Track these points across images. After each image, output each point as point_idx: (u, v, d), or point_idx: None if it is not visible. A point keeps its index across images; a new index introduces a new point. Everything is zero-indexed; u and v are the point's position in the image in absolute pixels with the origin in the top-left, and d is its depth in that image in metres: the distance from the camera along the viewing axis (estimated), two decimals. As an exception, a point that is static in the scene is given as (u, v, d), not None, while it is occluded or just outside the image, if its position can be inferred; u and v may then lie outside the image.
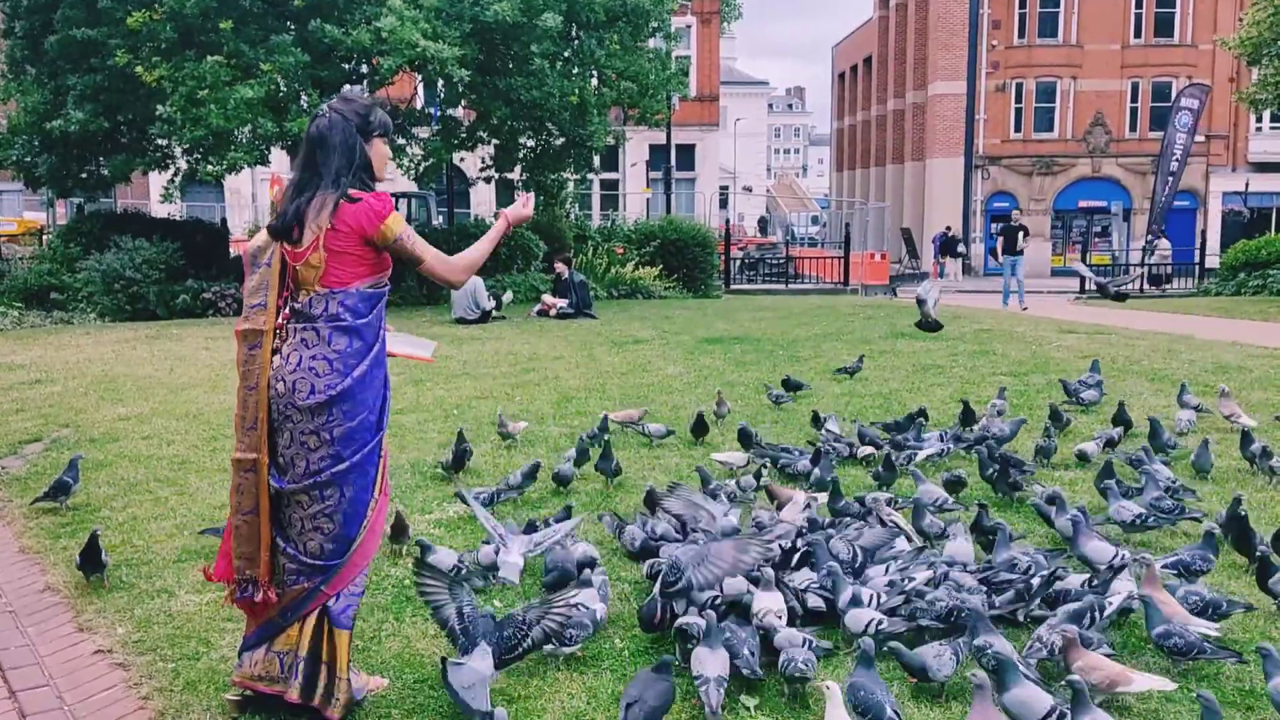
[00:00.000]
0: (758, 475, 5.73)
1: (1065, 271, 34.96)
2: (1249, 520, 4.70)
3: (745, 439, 6.46)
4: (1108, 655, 3.50)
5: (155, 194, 30.65)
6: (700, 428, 6.89)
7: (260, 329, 3.35)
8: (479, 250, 3.50)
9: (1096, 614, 3.74)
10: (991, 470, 5.69)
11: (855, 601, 3.86)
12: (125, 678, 3.72)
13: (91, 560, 4.49)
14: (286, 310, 3.37)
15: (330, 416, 3.28)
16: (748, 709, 3.38)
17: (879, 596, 3.96)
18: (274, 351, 3.34)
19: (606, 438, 6.35)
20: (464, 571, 4.27)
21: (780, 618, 3.71)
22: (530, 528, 4.68)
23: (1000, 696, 3.13)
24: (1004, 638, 3.52)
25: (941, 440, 6.41)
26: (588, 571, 4.04)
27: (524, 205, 3.74)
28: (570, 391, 8.90)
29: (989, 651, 3.37)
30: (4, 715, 3.61)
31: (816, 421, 7.06)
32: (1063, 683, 3.07)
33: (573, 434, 7.31)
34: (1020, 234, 21.38)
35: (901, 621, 3.82)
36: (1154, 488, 5.14)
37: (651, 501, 5.09)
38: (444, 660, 3.35)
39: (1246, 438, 6.18)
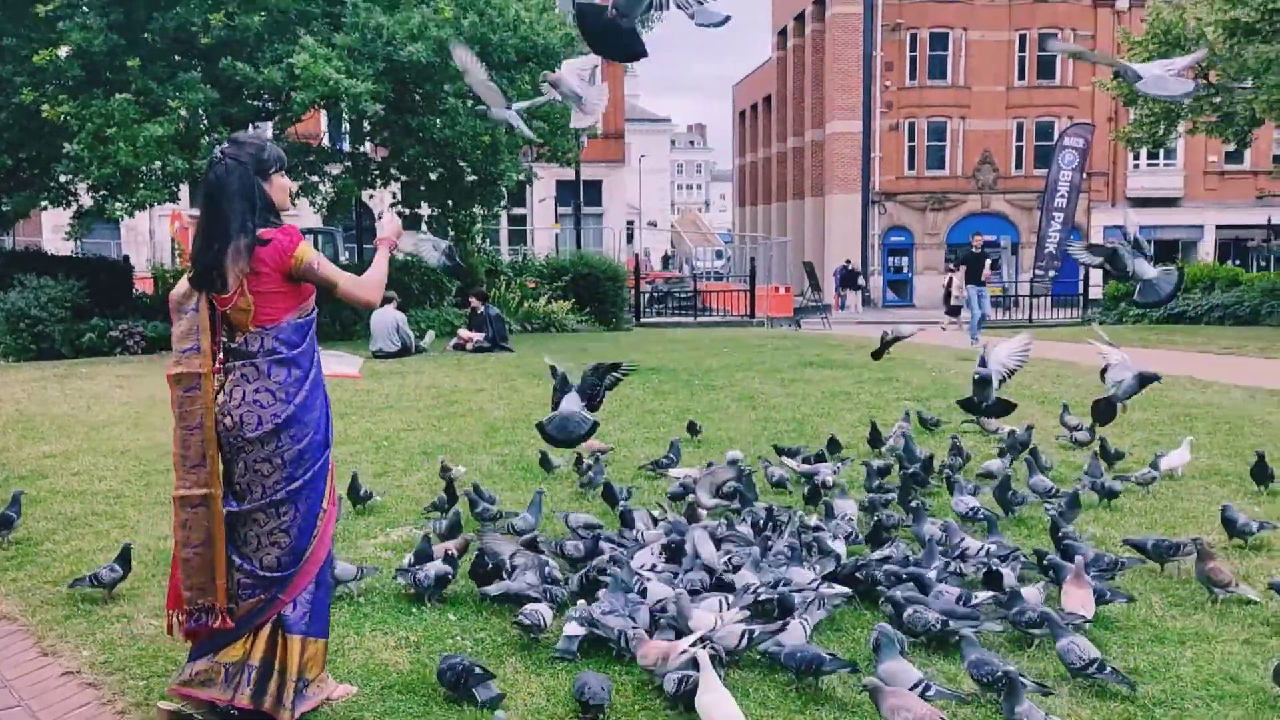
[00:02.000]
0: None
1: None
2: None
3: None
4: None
5: (47, 231, 30.00)
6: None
7: (197, 372, 3.51)
8: (380, 269, 3.73)
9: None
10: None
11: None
12: (98, 696, 3.86)
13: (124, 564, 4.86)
14: (222, 354, 3.57)
15: (280, 443, 3.50)
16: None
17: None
18: (220, 390, 3.54)
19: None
20: None
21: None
22: (425, 555, 4.84)
23: (875, 669, 3.55)
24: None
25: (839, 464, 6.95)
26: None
27: (390, 223, 3.96)
28: (497, 422, 9.15)
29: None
30: (-25, 738, 3.73)
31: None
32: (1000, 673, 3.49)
33: (504, 461, 7.59)
34: (986, 262, 19.86)
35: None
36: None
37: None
38: None
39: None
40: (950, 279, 26.54)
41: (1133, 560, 4.86)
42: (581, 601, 4.36)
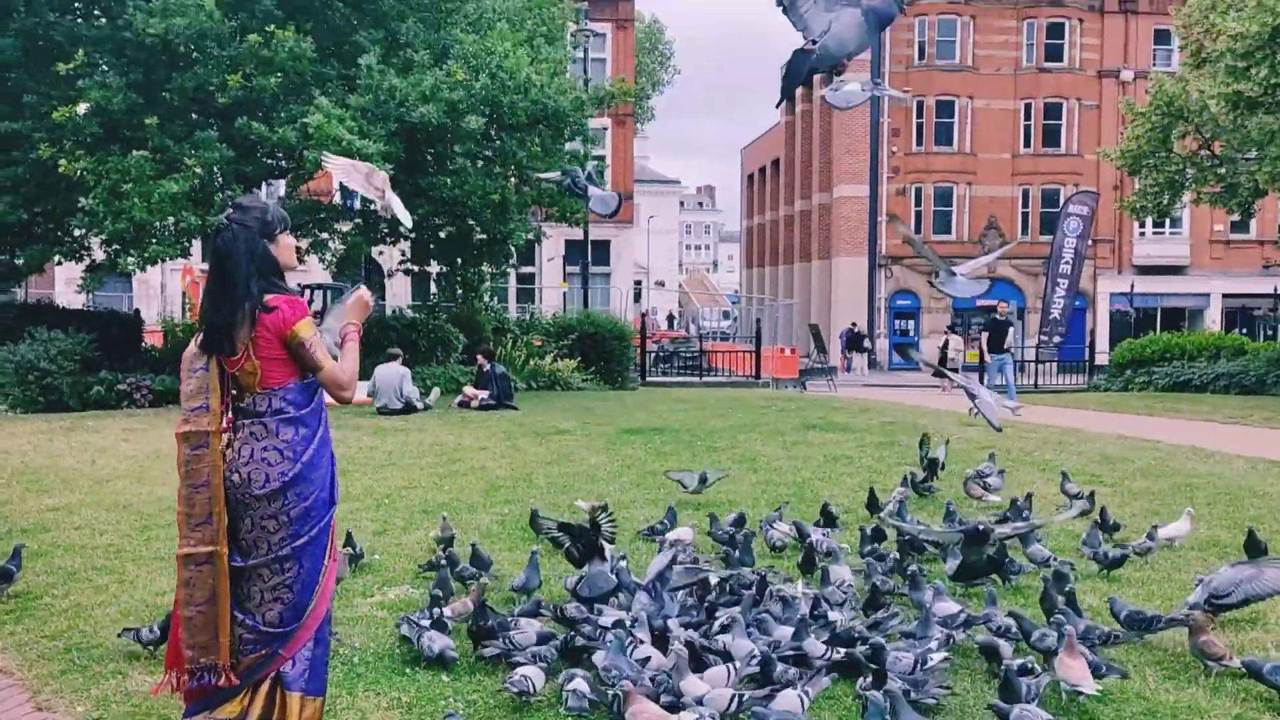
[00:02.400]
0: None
1: (968, 367, 36.31)
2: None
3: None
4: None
5: (60, 284, 30.30)
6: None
7: (205, 430, 3.57)
8: (352, 362, 3.74)
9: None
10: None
11: None
12: (90, 752, 3.89)
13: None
14: (230, 414, 3.64)
15: (286, 500, 3.56)
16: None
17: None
18: (225, 447, 3.60)
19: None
20: None
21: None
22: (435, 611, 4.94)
23: None
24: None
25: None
26: None
27: (355, 300, 3.92)
28: (498, 481, 9.18)
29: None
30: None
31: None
32: None
33: (504, 520, 7.61)
34: (1009, 331, 18.90)
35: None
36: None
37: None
38: None
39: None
40: (946, 341, 26.42)
41: (1128, 635, 4.85)
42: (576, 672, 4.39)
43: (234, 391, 3.65)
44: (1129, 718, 4.12)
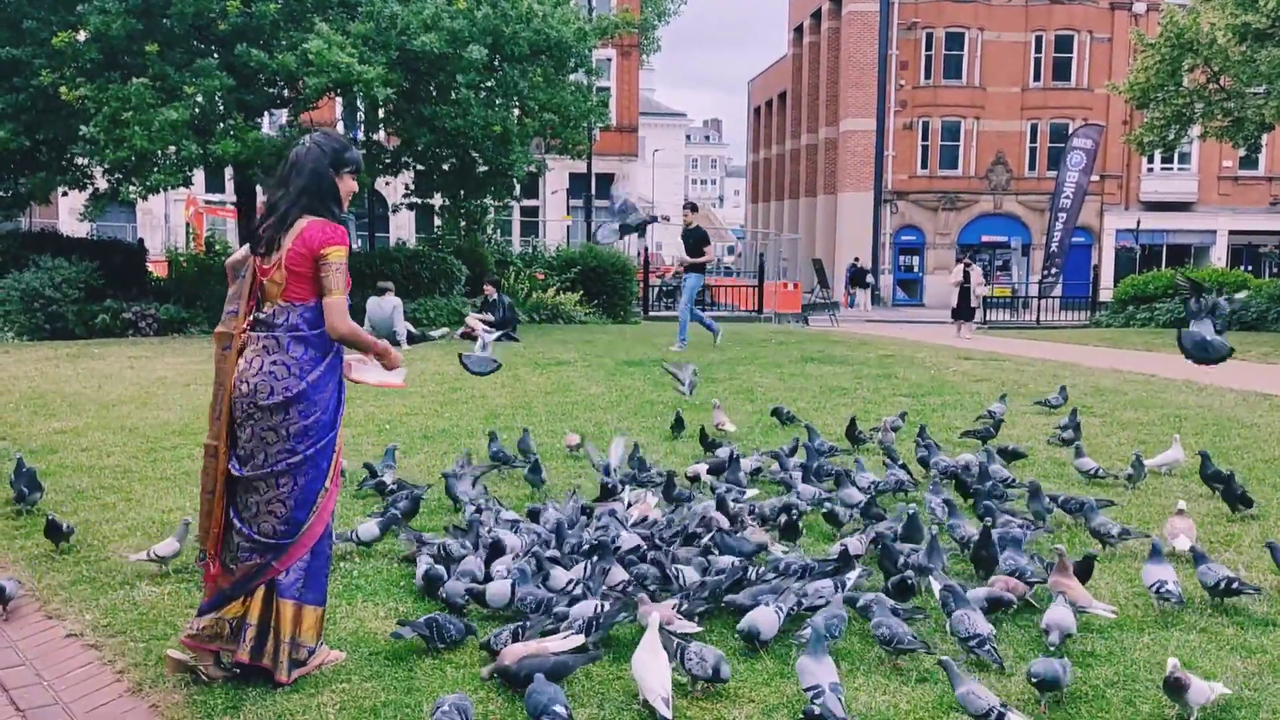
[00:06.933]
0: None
1: (991, 301, 36.18)
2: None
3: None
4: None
5: (64, 214, 30.28)
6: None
7: (230, 332, 3.80)
8: (362, 338, 3.85)
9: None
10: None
11: None
12: (99, 656, 4.05)
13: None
14: (250, 319, 3.79)
15: (287, 415, 3.72)
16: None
17: None
18: (239, 354, 3.77)
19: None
20: None
21: None
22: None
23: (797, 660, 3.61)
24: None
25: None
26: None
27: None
28: (497, 409, 9.33)
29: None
30: (-18, 693, 3.91)
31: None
32: (939, 661, 3.60)
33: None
34: (707, 248, 14.28)
35: None
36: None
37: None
38: None
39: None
40: (967, 273, 23.42)
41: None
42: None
43: (257, 301, 3.81)
44: (1096, 630, 4.26)
